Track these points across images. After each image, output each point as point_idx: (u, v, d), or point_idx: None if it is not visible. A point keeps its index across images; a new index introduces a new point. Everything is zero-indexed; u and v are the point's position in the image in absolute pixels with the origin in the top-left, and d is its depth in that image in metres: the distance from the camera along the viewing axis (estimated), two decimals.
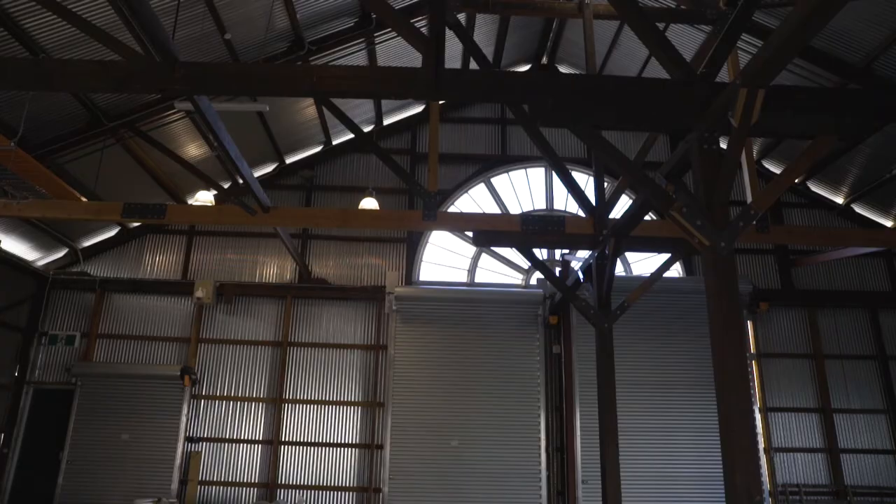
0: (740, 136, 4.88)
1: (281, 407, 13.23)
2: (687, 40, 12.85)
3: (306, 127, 14.02)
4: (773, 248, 14.90)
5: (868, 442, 13.65)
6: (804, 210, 15.33)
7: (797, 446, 13.52)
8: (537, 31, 15.08)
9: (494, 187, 15.25)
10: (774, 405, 13.72)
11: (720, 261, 4.83)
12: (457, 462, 12.43)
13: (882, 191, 14.08)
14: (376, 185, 14.72)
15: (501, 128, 15.67)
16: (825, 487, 13.25)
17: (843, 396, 13.90)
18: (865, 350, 14.28)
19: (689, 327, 13.14)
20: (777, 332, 14.31)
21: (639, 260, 14.83)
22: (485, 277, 14.56)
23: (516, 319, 13.35)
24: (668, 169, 5.77)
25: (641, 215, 7.67)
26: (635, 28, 5.63)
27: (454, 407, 12.76)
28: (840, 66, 11.75)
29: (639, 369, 12.81)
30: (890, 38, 10.81)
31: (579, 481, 12.06)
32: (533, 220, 8.98)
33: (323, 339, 13.75)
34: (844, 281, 14.85)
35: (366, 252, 14.49)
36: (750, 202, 5.19)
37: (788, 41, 4.22)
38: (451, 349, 13.11)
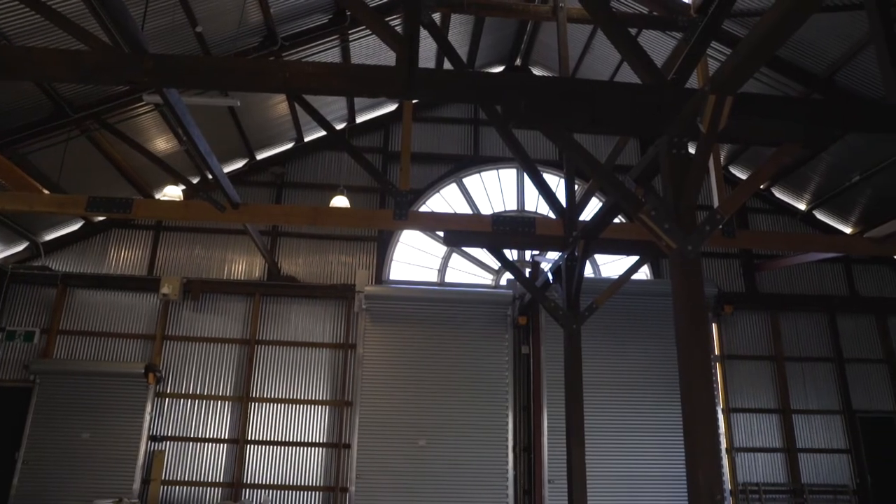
0: (708, 142, 4.97)
1: (248, 405, 13.08)
2: (658, 46, 13.05)
3: (278, 123, 13.88)
4: (739, 253, 15.21)
5: (824, 442, 14.03)
6: (768, 216, 15.68)
7: (757, 446, 13.83)
8: (511, 33, 15.17)
9: (466, 187, 15.29)
10: (737, 406, 14.01)
11: (687, 264, 4.91)
12: (424, 462, 12.43)
13: (842, 198, 14.47)
14: (348, 184, 14.65)
15: (474, 128, 15.72)
16: (783, 486, 13.58)
17: (802, 397, 14.27)
18: (823, 353, 14.68)
19: (656, 329, 13.35)
20: (740, 334, 14.61)
21: (608, 262, 15.01)
22: (455, 277, 14.59)
23: (486, 320, 13.41)
24: (637, 172, 5.86)
25: (611, 218, 7.76)
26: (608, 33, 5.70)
27: (422, 406, 12.76)
28: (805, 77, 12.05)
29: (606, 370, 12.97)
30: (851, 50, 11.12)
31: (546, 481, 12.15)
32: (504, 221, 9.03)
33: (291, 338, 13.63)
34: (805, 285, 15.24)
35: (336, 250, 14.41)
36: (717, 207, 5.29)
37: (756, 50, 4.31)
38: (421, 349, 13.11)
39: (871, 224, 14.35)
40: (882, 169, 12.95)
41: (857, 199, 14.29)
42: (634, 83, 5.44)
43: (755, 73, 4.99)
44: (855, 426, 14.12)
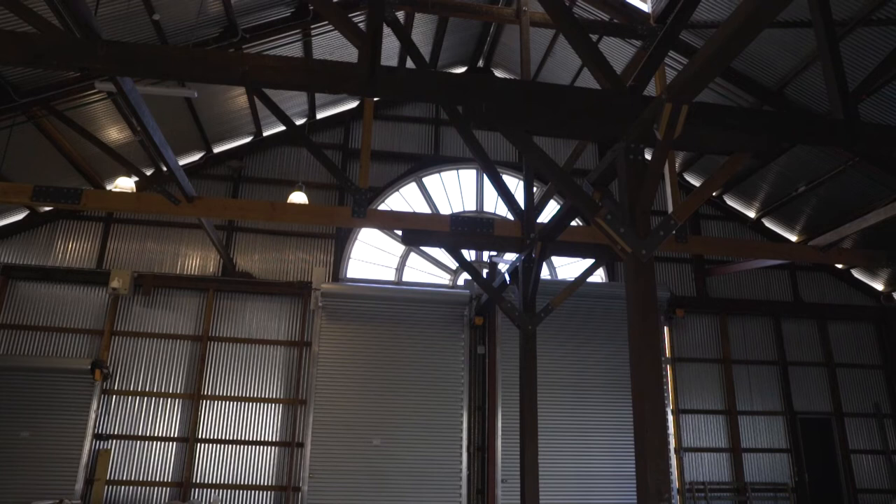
0: (664, 149, 5.09)
1: (199, 403, 12.80)
2: (618, 53, 13.29)
3: (236, 116, 13.64)
4: (690, 258, 15.59)
5: (767, 442, 14.51)
6: (720, 222, 16.12)
7: (704, 446, 14.21)
8: (474, 35, 15.23)
9: (426, 187, 15.29)
10: (686, 407, 14.37)
11: (641, 267, 5.01)
12: (378, 461, 12.39)
13: (788, 207, 14.99)
14: (306, 180, 14.49)
15: (435, 128, 15.73)
16: (728, 484, 13.99)
17: (747, 399, 14.72)
18: (768, 356, 15.18)
19: (610, 331, 13.59)
20: (690, 337, 14.99)
21: (564, 264, 15.20)
22: (413, 277, 14.57)
23: (442, 319, 13.44)
24: (595, 177, 5.95)
25: (568, 221, 7.87)
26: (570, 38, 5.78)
27: (377, 405, 12.71)
28: (756, 89, 12.43)
29: (560, 371, 13.14)
30: (800, 65, 11.53)
31: (499, 480, 12.25)
32: (462, 222, 9.07)
33: (245, 335, 13.41)
34: (753, 291, 15.72)
35: (293, 247, 14.23)
36: (671, 212, 5.42)
37: (711, 61, 4.44)
38: (376, 347, 13.06)
39: (815, 233, 14.91)
40: (826, 180, 13.46)
41: (803, 209, 14.82)
42: (595, 88, 5.53)
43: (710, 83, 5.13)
44: (795, 427, 14.64)
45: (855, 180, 13.20)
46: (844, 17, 10.16)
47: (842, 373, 15.32)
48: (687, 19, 5.75)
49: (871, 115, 11.57)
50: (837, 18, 10.13)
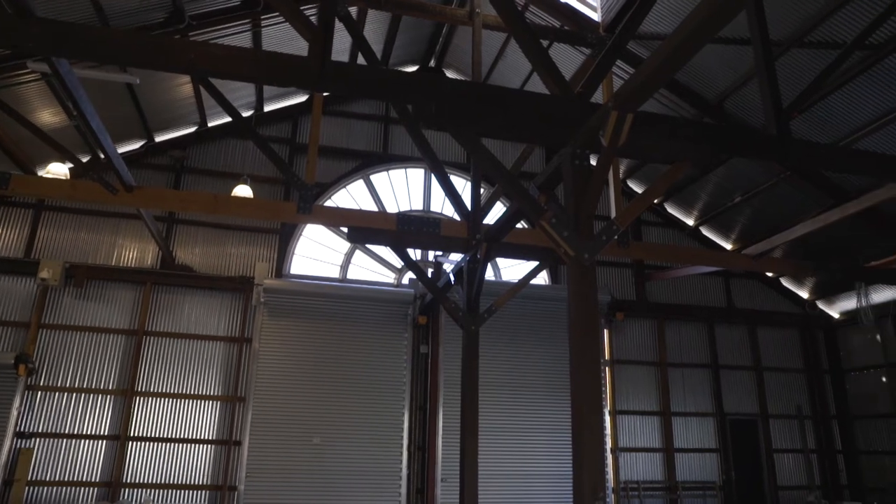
0: (609, 156, 5.21)
1: (132, 400, 12.38)
2: (568, 60, 13.51)
3: (180, 105, 13.24)
4: (631, 263, 16.00)
5: (698, 442, 15.04)
6: (660, 229, 16.61)
7: (639, 446, 14.61)
8: (427, 35, 15.24)
9: (373, 184, 15.20)
10: (622, 408, 14.74)
11: (583, 271, 5.12)
12: (318, 460, 12.25)
13: (724, 217, 15.56)
14: (252, 173, 14.20)
15: (384, 126, 15.66)
16: (660, 483, 14.43)
17: (681, 401, 15.22)
18: (702, 359, 15.73)
19: (551, 333, 13.81)
20: (629, 340, 15.39)
21: (509, 266, 15.36)
22: (357, 274, 14.47)
23: (386, 318, 13.39)
24: (541, 180, 6.04)
25: (514, 223, 7.96)
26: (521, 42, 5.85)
27: (318, 404, 12.57)
28: (698, 101, 12.86)
29: (502, 371, 13.28)
30: (739, 80, 11.99)
31: (439, 480, 12.29)
32: (409, 221, 9.05)
33: (183, 330, 13.04)
34: (689, 296, 16.26)
35: (235, 241, 13.92)
36: (614, 218, 5.54)
37: (656, 72, 4.56)
38: (319, 345, 12.91)
39: (748, 242, 15.53)
40: (760, 192, 14.04)
41: (738, 219, 15.42)
42: (544, 94, 5.61)
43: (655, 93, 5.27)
44: (725, 427, 15.23)
45: (786, 193, 13.81)
46: (781, 37, 10.62)
47: (768, 376, 16.02)
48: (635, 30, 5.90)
49: (802, 131, 12.13)
50: (774, 38, 10.58)
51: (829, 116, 11.64)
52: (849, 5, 9.72)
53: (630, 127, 5.09)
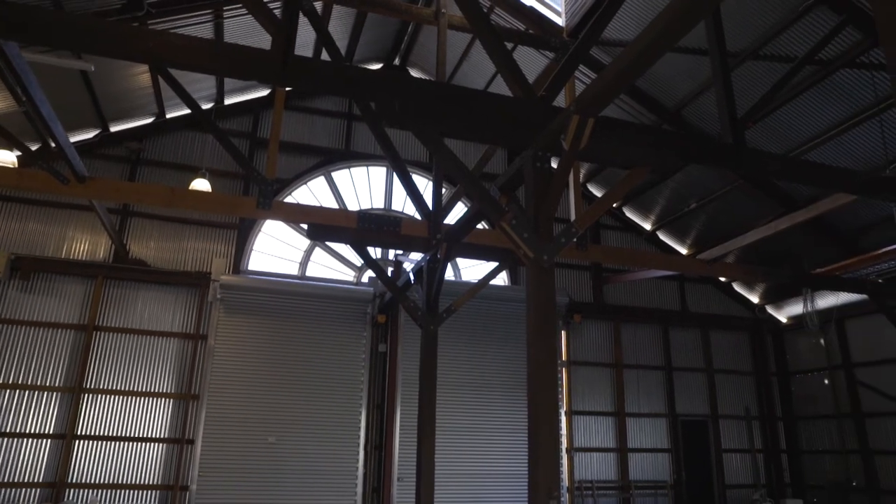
0: (569, 159, 5.28)
1: (80, 397, 12.01)
2: (531, 63, 13.63)
3: (137, 95, 12.91)
4: (590, 265, 16.23)
5: (650, 442, 15.36)
6: (618, 232, 16.89)
7: (594, 446, 14.84)
8: (392, 33, 15.19)
9: (334, 182, 15.09)
10: (578, 409, 14.95)
11: (542, 272, 5.17)
12: (273, 458, 12.10)
13: (681, 222, 15.92)
14: (210, 167, 13.93)
15: (347, 122, 15.54)
16: (614, 483, 14.68)
17: (635, 402, 15.52)
18: (656, 361, 16.07)
19: (510, 333, 13.92)
20: (586, 342, 15.61)
21: (469, 266, 15.43)
22: (316, 272, 14.34)
23: (345, 316, 13.31)
24: (502, 182, 6.09)
25: (474, 223, 8.00)
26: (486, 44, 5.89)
27: (274, 402, 12.41)
28: (657, 108, 13.13)
29: (460, 371, 13.33)
30: (697, 89, 12.28)
31: (395, 479, 12.27)
32: (370, 219, 9.01)
33: (136, 325, 12.71)
34: (645, 299, 16.58)
35: (192, 236, 13.64)
36: (573, 221, 5.62)
37: (617, 78, 4.64)
38: (276, 342, 12.75)
39: (703, 247, 15.92)
40: (714, 199, 14.40)
41: (693, 224, 15.79)
42: (507, 96, 5.65)
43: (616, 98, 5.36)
44: (676, 428, 15.59)
45: (740, 200, 14.20)
46: (737, 49, 10.92)
47: (719, 378, 16.46)
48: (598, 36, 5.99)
49: (755, 141, 12.49)
50: (731, 50, 10.87)
51: (781, 127, 12.02)
52: (801, 21, 10.06)
53: (591, 131, 5.17)
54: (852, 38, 9.88)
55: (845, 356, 15.20)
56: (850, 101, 10.89)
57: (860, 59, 10.10)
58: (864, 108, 10.84)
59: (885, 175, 8.46)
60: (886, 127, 10.86)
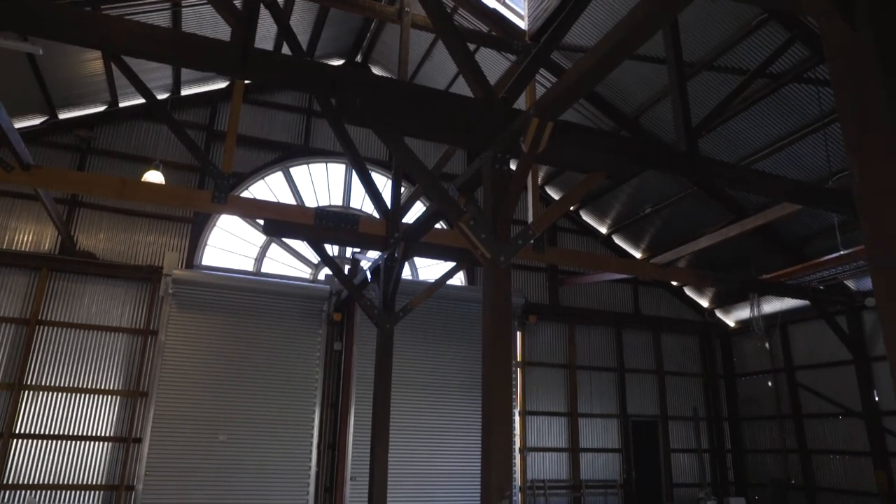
0: (528, 161, 5.33)
1: (20, 394, 11.57)
2: (493, 65, 13.72)
3: (89, 82, 12.51)
4: (546, 267, 16.42)
5: (602, 442, 15.63)
6: (575, 235, 17.13)
7: (547, 446, 15.02)
8: (354, 29, 15.08)
9: (293, 177, 14.90)
10: (532, 409, 15.10)
11: (499, 273, 5.22)
12: (223, 457, 11.88)
13: (636, 226, 16.25)
14: (165, 159, 13.60)
15: (307, 118, 15.37)
16: (565, 482, 14.89)
17: (588, 402, 15.77)
18: (609, 363, 16.35)
19: (466, 333, 13.98)
20: (541, 343, 15.79)
21: (426, 265, 15.43)
22: (272, 268, 14.14)
23: (300, 314, 13.16)
24: (461, 182, 6.11)
25: (432, 223, 8.02)
26: (448, 44, 5.90)
27: (226, 400, 12.19)
28: (616, 114, 13.36)
29: (416, 370, 13.32)
30: (655, 97, 12.55)
31: (348, 478, 12.19)
32: (327, 216, 8.94)
33: (83, 320, 12.31)
34: (599, 302, 16.86)
35: (144, 228, 13.29)
36: (531, 223, 5.68)
37: (577, 83, 4.71)
38: (229, 339, 12.53)
39: (656, 251, 16.27)
40: (668, 204, 14.75)
41: (648, 229, 16.13)
42: (468, 97, 5.68)
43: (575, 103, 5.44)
44: (627, 428, 15.90)
45: (693, 207, 14.57)
46: (693, 59, 11.20)
47: (669, 380, 16.85)
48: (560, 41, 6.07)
49: (709, 150, 12.83)
50: (687, 60, 11.15)
51: (733, 137, 12.38)
52: (754, 35, 10.38)
53: (550, 134, 5.24)
54: (801, 55, 10.25)
55: (787, 360, 15.75)
56: (798, 114, 11.29)
57: (807, 75, 10.48)
58: (810, 122, 11.25)
59: (828, 186, 8.80)
60: (830, 140, 11.29)
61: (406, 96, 5.41)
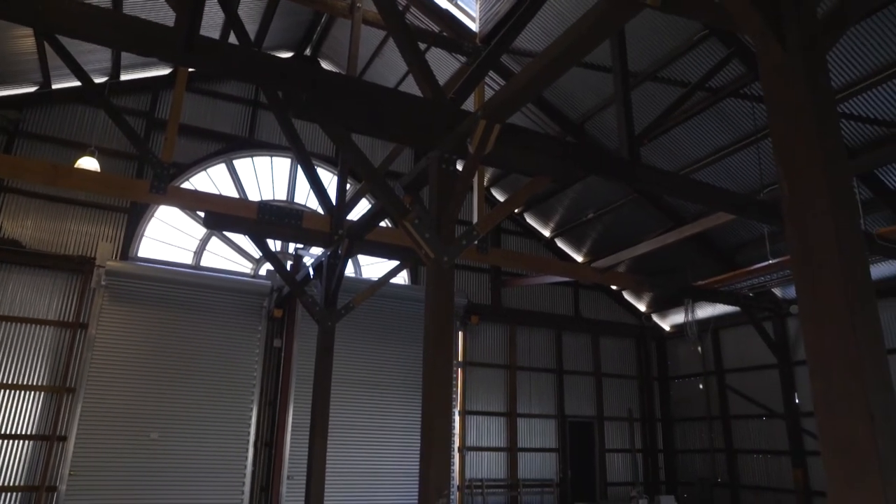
0: (474, 163, 5.37)
1: None
2: (443, 66, 13.75)
3: (18, 60, 11.90)
4: (489, 268, 16.57)
5: (539, 442, 15.89)
6: (518, 238, 17.34)
7: (485, 446, 15.16)
8: (304, 22, 14.86)
9: (236, 170, 14.58)
10: (472, 409, 15.21)
11: (442, 273, 5.24)
12: (155, 456, 11.50)
13: (578, 230, 16.58)
14: (101, 145, 13.08)
15: (252, 109, 15.06)
16: (503, 481, 15.06)
17: (527, 403, 16.00)
18: (548, 364, 16.63)
19: (408, 333, 13.96)
20: (482, 343, 15.92)
21: (370, 263, 15.35)
22: (212, 262, 13.80)
23: (240, 309, 12.88)
24: (407, 181, 6.11)
25: (377, 221, 7.99)
26: (399, 42, 5.89)
27: (160, 396, 11.81)
28: (562, 119, 13.60)
29: (357, 369, 13.23)
30: (600, 105, 12.83)
31: (285, 477, 12.01)
32: (271, 210, 8.79)
33: (5, 311, 11.70)
34: (540, 304, 17.12)
35: (77, 217, 12.74)
36: (475, 224, 5.72)
37: (525, 87, 4.78)
38: (165, 334, 12.14)
39: (597, 256, 16.63)
40: (610, 210, 15.11)
41: (590, 233, 16.48)
42: (417, 96, 5.68)
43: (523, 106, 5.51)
44: (564, 429, 16.21)
45: (633, 213, 14.97)
46: (638, 69, 11.51)
47: (606, 382, 17.26)
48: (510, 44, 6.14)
49: (650, 158, 13.20)
50: (632, 70, 11.43)
51: (674, 147, 12.78)
52: (695, 50, 10.75)
53: (497, 137, 5.29)
54: (738, 71, 10.66)
55: (718, 363, 16.37)
56: (734, 128, 11.74)
57: (744, 91, 10.92)
58: (745, 136, 11.72)
59: (760, 198, 9.19)
60: (763, 155, 11.79)
61: (355, 92, 5.37)
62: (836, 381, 2.47)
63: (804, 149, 2.80)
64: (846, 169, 2.79)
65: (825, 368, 2.53)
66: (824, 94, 2.87)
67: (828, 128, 2.81)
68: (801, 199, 2.76)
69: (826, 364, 2.53)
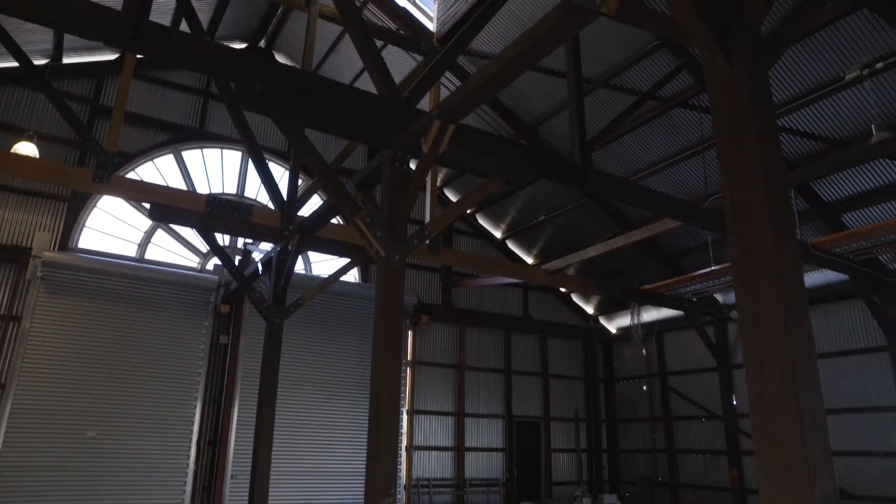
0: (428, 162, 5.38)
1: None
2: (399, 64, 13.71)
3: None
4: (440, 268, 16.60)
5: (487, 442, 16.01)
6: (470, 238, 17.43)
7: (433, 445, 15.18)
8: (260, 13, 14.60)
9: (184, 161, 14.21)
10: (420, 408, 15.22)
11: (392, 272, 5.22)
12: (91, 455, 11.10)
13: (529, 233, 16.77)
14: (40, 130, 12.55)
15: (203, 100, 14.70)
16: (450, 480, 15.11)
17: (475, 403, 16.09)
18: (497, 364, 16.77)
19: (357, 331, 13.87)
20: (432, 343, 15.94)
21: (320, 260, 15.19)
22: (157, 255, 13.41)
23: (185, 304, 12.57)
24: (360, 178, 6.07)
25: (329, 217, 7.91)
26: (355, 38, 5.85)
27: (98, 393, 11.41)
28: (516, 122, 13.73)
29: (305, 367, 13.07)
30: (554, 109, 13.02)
31: (229, 476, 11.77)
32: (219, 204, 8.60)
33: None
34: (490, 304, 17.25)
35: (12, 204, 12.20)
36: (427, 223, 5.73)
37: (480, 88, 4.81)
38: (105, 329, 11.74)
39: (547, 258, 16.86)
40: (561, 213, 15.34)
41: (540, 236, 16.69)
42: (372, 93, 5.65)
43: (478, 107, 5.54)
44: (511, 429, 16.37)
45: (583, 217, 15.23)
46: (591, 76, 11.71)
47: (553, 382, 17.52)
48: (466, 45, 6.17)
49: (601, 164, 13.46)
50: (586, 76, 11.64)
51: (624, 153, 13.06)
52: (647, 59, 11.01)
53: (451, 137, 5.31)
54: (687, 82, 10.97)
55: (661, 365, 16.81)
56: (682, 137, 12.08)
57: (692, 101, 11.24)
58: (691, 145, 12.07)
59: (704, 206, 9.47)
60: (708, 164, 12.17)
61: (309, 87, 5.31)
62: (771, 384, 2.58)
63: (746, 159, 2.90)
64: (784, 181, 2.91)
65: (761, 371, 2.63)
66: (766, 108, 2.98)
67: (768, 140, 2.92)
68: (741, 208, 2.86)
69: (762, 367, 2.63)
